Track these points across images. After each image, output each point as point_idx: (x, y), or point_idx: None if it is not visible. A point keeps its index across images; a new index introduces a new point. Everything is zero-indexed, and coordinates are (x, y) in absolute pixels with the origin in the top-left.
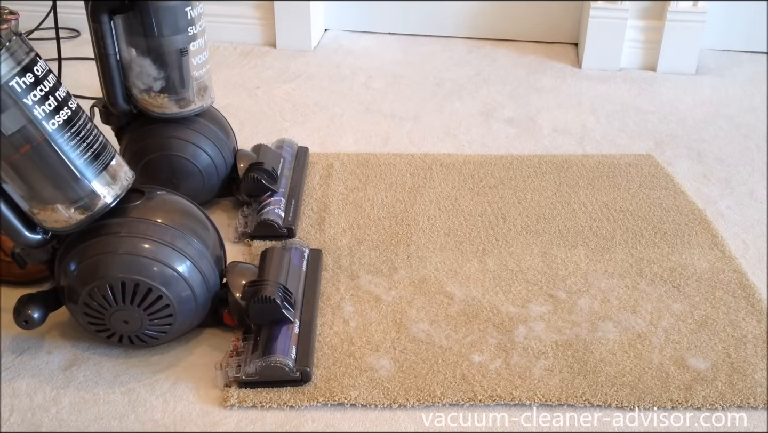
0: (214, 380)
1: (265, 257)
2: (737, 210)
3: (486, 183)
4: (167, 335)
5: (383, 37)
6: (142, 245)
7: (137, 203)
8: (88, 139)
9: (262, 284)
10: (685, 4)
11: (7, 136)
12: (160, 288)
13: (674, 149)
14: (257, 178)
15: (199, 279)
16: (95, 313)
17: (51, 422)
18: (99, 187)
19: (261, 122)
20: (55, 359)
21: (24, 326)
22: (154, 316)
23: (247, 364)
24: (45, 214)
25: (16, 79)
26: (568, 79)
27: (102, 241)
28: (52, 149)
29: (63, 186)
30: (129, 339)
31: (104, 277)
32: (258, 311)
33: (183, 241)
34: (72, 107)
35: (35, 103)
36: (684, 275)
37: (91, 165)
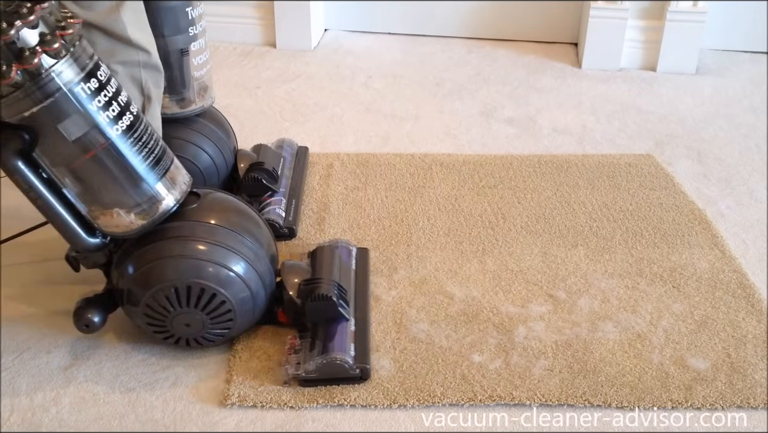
0: (214, 379)
1: (316, 255)
2: (737, 210)
3: (486, 183)
4: (226, 337)
5: (383, 37)
6: (203, 248)
7: (193, 206)
8: (149, 144)
9: (318, 282)
10: (685, 4)
11: (72, 142)
12: (222, 291)
13: (674, 149)
14: (258, 178)
15: (257, 279)
16: (157, 316)
17: (51, 422)
18: (160, 192)
19: (261, 122)
20: (55, 359)
21: (85, 330)
22: (215, 318)
23: (307, 361)
24: (105, 219)
25: (81, 85)
26: (568, 79)
27: (162, 245)
28: (115, 155)
29: (125, 191)
30: (188, 341)
31: (168, 281)
32: (314, 310)
33: (241, 242)
34: (134, 112)
35: (99, 109)
36: (684, 275)
37: (153, 170)
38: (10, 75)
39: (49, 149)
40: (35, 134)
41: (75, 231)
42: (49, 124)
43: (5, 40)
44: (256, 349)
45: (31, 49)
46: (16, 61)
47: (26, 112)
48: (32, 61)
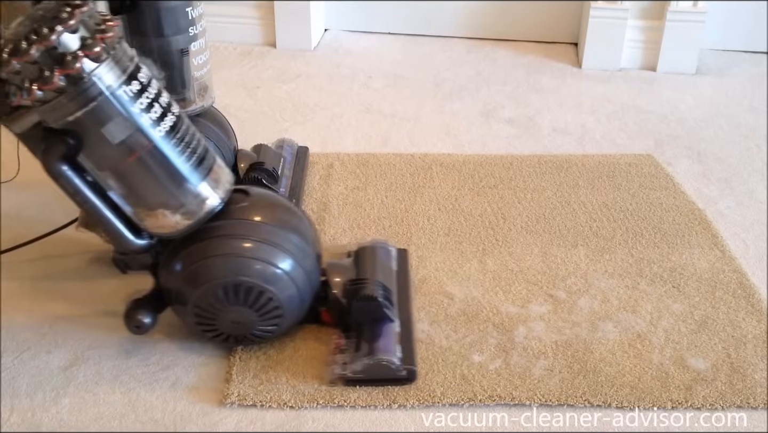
0: (214, 379)
1: (359, 255)
2: (737, 210)
3: (486, 183)
4: (275, 333)
5: (383, 37)
6: (250, 246)
7: (240, 204)
8: (192, 145)
9: (364, 282)
10: (685, 4)
11: (115, 145)
12: (269, 288)
13: (674, 149)
14: (258, 178)
15: (303, 276)
16: (206, 315)
17: (51, 422)
18: (204, 192)
19: (261, 122)
20: (55, 359)
21: (136, 331)
22: (264, 315)
23: (353, 362)
24: (151, 221)
25: (123, 88)
26: (568, 79)
27: (209, 243)
28: (159, 156)
29: (169, 192)
30: (237, 340)
31: (215, 279)
32: (360, 310)
33: (288, 240)
34: (175, 113)
35: (142, 111)
36: (684, 275)
37: (197, 170)
38: (52, 81)
39: (93, 153)
40: (80, 139)
41: (121, 233)
42: (92, 128)
43: (47, 45)
44: (256, 349)
45: (72, 53)
46: (58, 66)
47: (70, 116)
48: (74, 65)
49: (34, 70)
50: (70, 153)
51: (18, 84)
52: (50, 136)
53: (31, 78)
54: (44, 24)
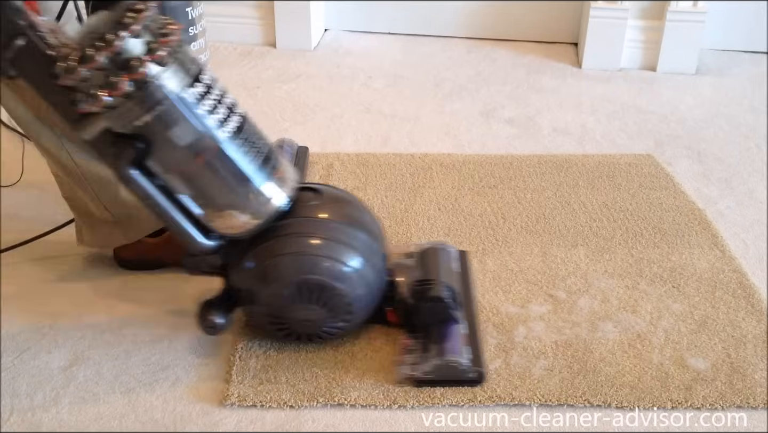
0: (214, 379)
1: (423, 256)
2: (737, 210)
3: (486, 183)
4: (345, 330)
5: (383, 37)
6: (319, 244)
7: (308, 202)
8: (257, 144)
9: (431, 283)
10: (685, 4)
11: (182, 148)
12: (339, 286)
13: (674, 149)
14: None
15: (372, 273)
16: (276, 313)
17: (51, 422)
18: (271, 191)
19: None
20: (55, 359)
21: (209, 332)
22: (334, 313)
23: (423, 363)
24: (220, 221)
25: (187, 90)
26: (568, 79)
27: (278, 242)
28: (225, 158)
29: (236, 193)
30: (307, 337)
31: (286, 278)
32: (428, 311)
33: (356, 237)
34: (240, 113)
35: (207, 113)
36: (684, 275)
37: (262, 170)
38: (119, 86)
39: (161, 156)
40: (148, 143)
41: (192, 235)
42: (160, 132)
43: (112, 51)
44: (256, 348)
45: (137, 58)
46: (124, 72)
47: (137, 121)
48: (140, 70)
49: (101, 77)
50: (139, 158)
51: (85, 91)
52: (119, 142)
53: (99, 85)
54: (109, 30)
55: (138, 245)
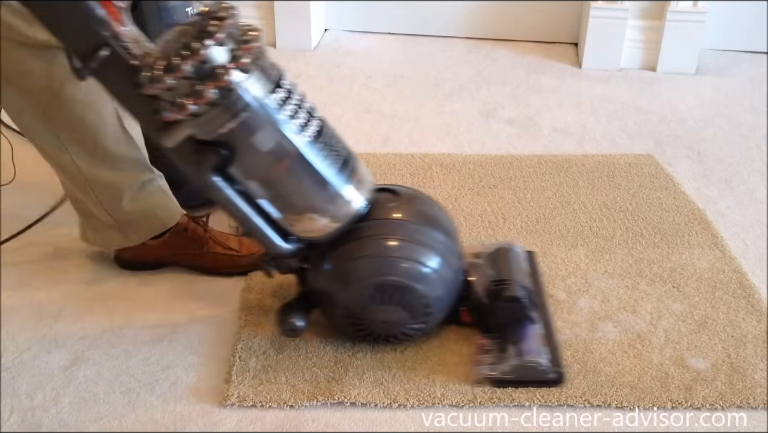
0: (214, 379)
1: (495, 256)
2: (737, 210)
3: (486, 183)
4: (424, 330)
5: (383, 37)
6: (398, 245)
7: (386, 204)
8: (336, 148)
9: (507, 283)
10: (685, 4)
11: (264, 153)
12: (418, 286)
13: (674, 149)
14: None
15: (452, 275)
16: (356, 315)
17: (51, 422)
18: (350, 194)
19: None
20: (55, 359)
21: (290, 335)
22: (414, 314)
23: (501, 363)
24: (300, 225)
25: (270, 97)
26: (568, 79)
27: (357, 244)
28: (306, 162)
29: (316, 196)
30: (387, 338)
31: (365, 280)
32: (504, 311)
33: (434, 238)
34: (319, 117)
35: (288, 118)
36: (684, 275)
37: (342, 173)
38: (205, 94)
39: (243, 162)
40: (232, 149)
41: (271, 239)
42: (243, 138)
43: (198, 60)
44: (256, 348)
45: (222, 66)
46: (209, 80)
47: (222, 128)
48: (225, 78)
49: (187, 86)
50: (222, 164)
51: (170, 100)
52: (202, 149)
53: (184, 93)
54: (194, 38)
55: (138, 247)
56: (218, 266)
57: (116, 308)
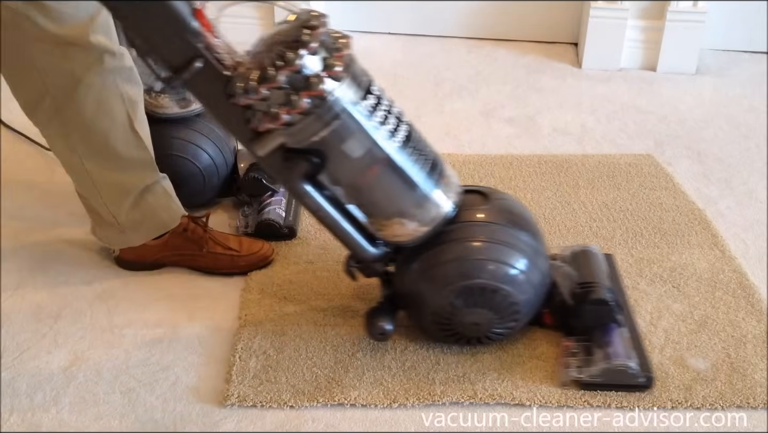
0: (214, 379)
1: (577, 258)
2: (737, 210)
3: (486, 183)
4: (512, 332)
5: (383, 37)
6: (483, 248)
7: (472, 206)
8: (424, 152)
9: (593, 285)
10: (685, 4)
11: (355, 160)
12: (506, 288)
13: (674, 149)
14: (258, 178)
15: (539, 277)
16: (444, 318)
17: (51, 422)
18: (439, 198)
19: None
20: (55, 359)
21: (380, 339)
22: (502, 316)
23: (589, 366)
24: (388, 230)
25: (361, 103)
26: (568, 79)
27: (444, 248)
28: (395, 167)
29: (406, 201)
30: (475, 340)
31: (452, 283)
32: (591, 313)
33: (522, 240)
34: (407, 122)
35: (378, 124)
36: (684, 275)
37: (430, 177)
38: (299, 104)
39: (333, 169)
40: (323, 157)
41: (360, 244)
42: (334, 145)
43: (292, 70)
44: (256, 348)
45: (315, 75)
46: (303, 89)
47: (315, 136)
48: (318, 87)
49: (281, 96)
50: (312, 171)
51: (264, 110)
52: (293, 157)
53: (278, 103)
54: (287, 49)
55: (139, 247)
56: (218, 267)
57: (116, 308)
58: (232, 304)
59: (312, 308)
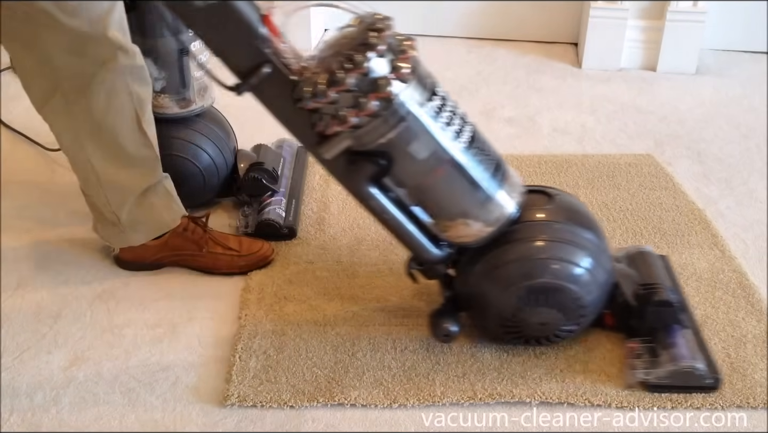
0: (214, 379)
1: (636, 259)
2: (737, 210)
3: None
4: (578, 331)
5: None
6: (548, 247)
7: (535, 206)
8: (488, 153)
9: (656, 287)
10: (685, 4)
11: (420, 162)
12: (572, 287)
13: (674, 149)
14: (258, 178)
15: (604, 275)
16: (509, 318)
17: (51, 422)
18: (503, 199)
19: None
20: (55, 359)
21: (445, 340)
22: (569, 315)
23: (656, 368)
24: (453, 231)
25: (427, 105)
26: (568, 79)
27: (508, 248)
28: (461, 168)
29: (471, 202)
30: (539, 340)
31: (517, 283)
32: (655, 315)
33: (586, 239)
34: (471, 123)
35: (444, 126)
36: (684, 274)
37: (494, 178)
38: (368, 106)
39: (398, 170)
40: (389, 159)
41: (424, 246)
42: (400, 147)
43: (361, 72)
44: (256, 348)
45: (383, 77)
46: (372, 91)
47: (382, 138)
48: (386, 89)
49: (349, 98)
50: (378, 174)
51: (331, 113)
52: (358, 159)
53: (346, 106)
54: (354, 52)
55: (138, 247)
56: (218, 267)
57: (116, 308)
58: (232, 304)
59: (312, 308)
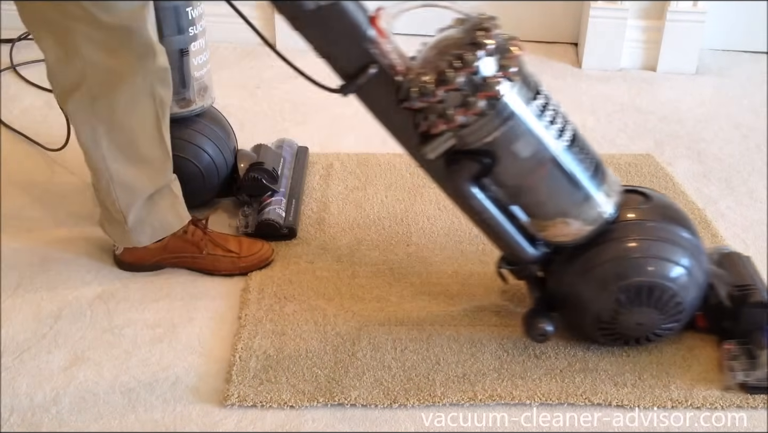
0: (214, 379)
1: (726, 260)
2: (737, 210)
3: None
4: (676, 330)
5: None
6: (645, 246)
7: (631, 205)
8: (589, 153)
9: (752, 288)
10: (685, 4)
11: (522, 161)
12: (671, 285)
13: (674, 149)
14: (258, 178)
15: (701, 274)
16: (607, 318)
17: (51, 422)
18: (602, 198)
19: (261, 122)
20: (55, 359)
21: (540, 340)
22: (667, 314)
23: (755, 370)
24: (551, 230)
25: (532, 104)
26: (568, 79)
27: (604, 247)
28: (562, 168)
29: (572, 201)
30: (636, 340)
31: (615, 283)
32: (750, 316)
33: (683, 237)
34: (571, 123)
35: (547, 125)
36: None
37: (594, 177)
38: (476, 105)
39: (499, 170)
40: (493, 158)
41: (522, 246)
42: (505, 146)
43: (470, 71)
44: (256, 348)
45: (492, 76)
46: (480, 90)
47: (488, 137)
48: (495, 88)
49: (458, 97)
50: (480, 173)
51: (438, 112)
52: (460, 159)
53: (454, 105)
54: (464, 51)
55: (139, 249)
56: (218, 268)
57: (116, 308)
58: (232, 304)
59: (312, 308)
